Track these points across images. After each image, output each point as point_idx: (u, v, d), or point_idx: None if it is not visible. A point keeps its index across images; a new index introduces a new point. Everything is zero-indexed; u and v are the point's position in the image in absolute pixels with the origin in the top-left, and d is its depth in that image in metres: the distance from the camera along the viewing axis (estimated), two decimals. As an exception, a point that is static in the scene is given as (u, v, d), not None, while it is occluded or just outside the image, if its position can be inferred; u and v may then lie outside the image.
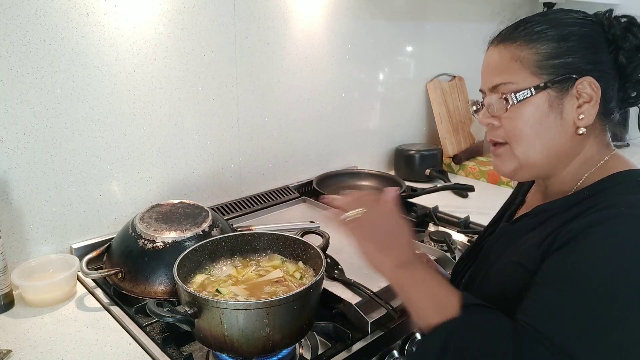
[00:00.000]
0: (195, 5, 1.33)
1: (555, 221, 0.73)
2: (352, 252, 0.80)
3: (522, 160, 0.76)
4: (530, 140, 0.74)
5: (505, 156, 0.78)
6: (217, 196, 1.53)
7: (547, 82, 0.72)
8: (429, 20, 2.09)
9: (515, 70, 0.74)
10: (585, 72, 0.72)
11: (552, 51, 0.73)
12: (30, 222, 1.17)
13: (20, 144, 1.12)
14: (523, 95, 0.73)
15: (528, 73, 0.73)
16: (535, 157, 0.75)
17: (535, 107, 0.73)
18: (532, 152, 0.75)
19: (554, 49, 0.72)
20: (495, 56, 0.78)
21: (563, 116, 0.73)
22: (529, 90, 0.73)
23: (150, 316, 0.83)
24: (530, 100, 0.73)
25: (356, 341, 0.96)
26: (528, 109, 0.73)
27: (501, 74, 0.76)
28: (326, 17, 1.68)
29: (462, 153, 2.12)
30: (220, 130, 1.48)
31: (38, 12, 1.08)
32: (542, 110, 0.73)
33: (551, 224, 0.73)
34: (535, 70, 0.73)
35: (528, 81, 0.73)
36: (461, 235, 1.45)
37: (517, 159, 0.76)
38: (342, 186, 1.80)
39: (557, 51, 0.72)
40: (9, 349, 0.93)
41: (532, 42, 0.74)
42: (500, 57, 0.76)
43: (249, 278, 0.98)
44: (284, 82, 1.61)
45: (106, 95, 1.22)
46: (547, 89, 0.72)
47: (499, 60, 0.77)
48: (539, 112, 0.73)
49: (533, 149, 0.75)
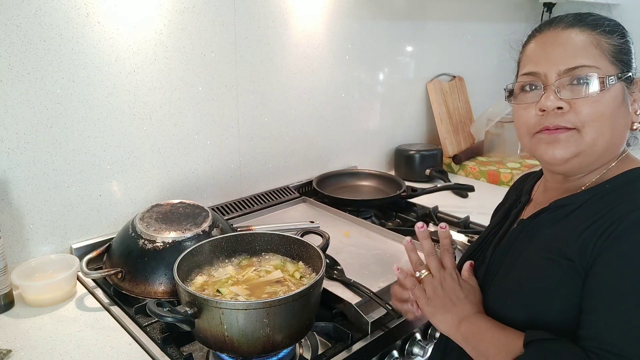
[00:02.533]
0: (195, 5, 1.33)
1: (582, 216, 0.73)
2: (352, 252, 0.81)
3: (587, 146, 0.75)
4: (604, 126, 0.74)
5: (569, 141, 0.75)
6: (217, 196, 1.53)
7: (621, 74, 0.74)
8: (429, 20, 2.09)
9: (596, 56, 0.74)
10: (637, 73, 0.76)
11: (625, 47, 0.75)
12: (30, 222, 1.17)
13: (20, 144, 1.12)
14: (610, 81, 0.73)
15: (608, 62, 0.74)
16: (600, 144, 0.75)
17: (615, 96, 0.74)
18: (601, 139, 0.74)
19: (624, 45, 0.75)
20: (573, 38, 0.75)
21: (629, 109, 0.76)
22: (615, 77, 0.73)
23: (150, 316, 0.83)
24: (613, 88, 0.73)
25: (356, 341, 0.96)
26: (609, 96, 0.73)
27: (583, 57, 0.74)
28: (326, 17, 1.68)
29: (462, 153, 2.12)
30: (220, 130, 1.48)
31: (38, 12, 1.08)
32: (619, 100, 0.74)
33: (579, 218, 0.73)
34: (613, 60, 0.74)
35: (610, 69, 0.74)
36: (461, 235, 1.45)
37: (583, 144, 0.75)
38: (342, 186, 1.80)
39: (626, 47, 0.75)
40: (9, 349, 0.93)
41: (609, 34, 0.74)
42: (580, 40, 0.74)
43: (249, 278, 0.98)
44: (284, 82, 1.61)
45: (106, 95, 1.22)
46: (622, 81, 0.74)
47: (578, 42, 0.74)
48: (617, 101, 0.74)
49: (603, 136, 0.74)
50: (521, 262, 0.78)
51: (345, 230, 1.42)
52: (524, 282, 0.76)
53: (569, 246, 0.71)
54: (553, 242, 0.74)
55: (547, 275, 0.72)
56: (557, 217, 0.77)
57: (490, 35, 2.40)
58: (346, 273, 1.14)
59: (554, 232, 0.76)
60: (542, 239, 0.77)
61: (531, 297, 0.74)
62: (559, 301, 0.71)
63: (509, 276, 0.79)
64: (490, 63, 2.46)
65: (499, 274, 0.82)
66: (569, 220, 0.75)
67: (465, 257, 0.96)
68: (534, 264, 0.76)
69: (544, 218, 0.80)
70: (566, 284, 0.70)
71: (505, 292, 0.78)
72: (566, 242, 0.72)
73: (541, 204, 0.83)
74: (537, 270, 0.74)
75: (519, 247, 0.81)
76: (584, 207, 0.75)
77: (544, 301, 0.72)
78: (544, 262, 0.74)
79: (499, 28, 2.41)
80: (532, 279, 0.75)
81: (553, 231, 0.76)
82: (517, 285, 0.77)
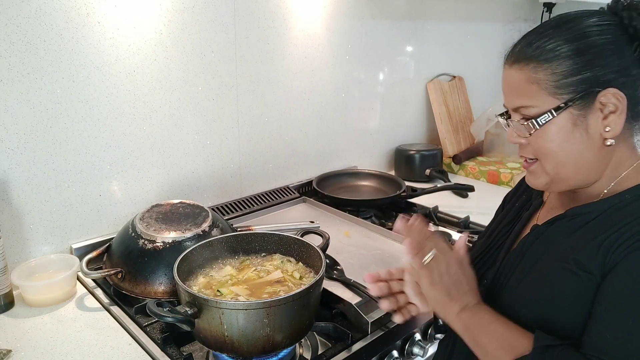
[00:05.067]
0: (195, 5, 1.33)
1: (601, 226, 0.72)
2: (352, 252, 0.80)
3: (552, 175, 0.76)
4: (558, 157, 0.74)
5: (537, 172, 0.78)
6: (217, 196, 1.53)
7: (567, 102, 0.71)
8: (429, 20, 2.08)
9: (533, 93, 0.73)
10: (608, 83, 0.70)
11: (569, 69, 0.70)
12: (30, 222, 1.17)
13: (20, 144, 1.12)
14: (544, 119, 0.72)
15: (546, 95, 0.72)
16: (565, 173, 0.75)
17: (559, 127, 0.72)
18: (561, 168, 0.75)
19: (570, 66, 0.70)
20: (512, 78, 0.76)
21: (589, 131, 0.72)
22: (549, 113, 0.72)
23: (150, 316, 0.83)
24: (553, 122, 0.72)
25: (356, 341, 0.96)
26: (552, 130, 0.73)
27: (520, 97, 0.75)
28: (326, 17, 1.68)
29: (462, 153, 2.12)
30: (220, 130, 1.48)
31: (38, 12, 1.08)
32: (567, 129, 0.72)
33: (598, 229, 0.72)
34: (554, 91, 0.71)
35: (548, 103, 0.72)
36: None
37: (548, 174, 0.77)
38: (342, 186, 1.80)
39: (573, 68, 0.70)
40: (9, 349, 0.93)
41: (547, 62, 0.71)
42: (517, 79, 0.75)
43: (249, 278, 0.98)
44: (284, 82, 1.61)
45: (106, 95, 1.22)
46: (569, 108, 0.71)
47: (516, 82, 0.75)
48: (563, 132, 0.72)
49: (562, 165, 0.75)
50: (536, 271, 0.77)
51: (345, 230, 1.42)
52: (539, 291, 0.75)
53: (588, 258, 0.70)
54: (570, 253, 0.73)
55: (564, 287, 0.72)
56: (574, 226, 0.76)
57: (490, 35, 2.40)
58: (346, 273, 1.14)
59: (571, 242, 0.75)
60: (560, 248, 0.76)
61: (545, 306, 0.73)
62: (574, 311, 0.70)
63: (523, 283, 0.78)
64: (490, 63, 2.46)
65: (511, 280, 0.80)
66: (586, 230, 0.74)
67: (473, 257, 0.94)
68: (551, 273, 0.74)
69: (560, 226, 0.78)
70: (583, 296, 0.69)
71: (518, 300, 0.77)
72: (585, 254, 0.71)
73: (555, 208, 0.83)
74: (554, 280, 0.73)
75: (534, 254, 0.80)
76: (603, 218, 0.73)
77: (557, 311, 0.71)
78: (560, 272, 0.73)
79: (499, 28, 2.41)
80: (547, 289, 0.74)
81: (570, 241, 0.75)
82: (531, 294, 0.76)
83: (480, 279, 0.88)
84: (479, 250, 0.94)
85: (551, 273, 0.74)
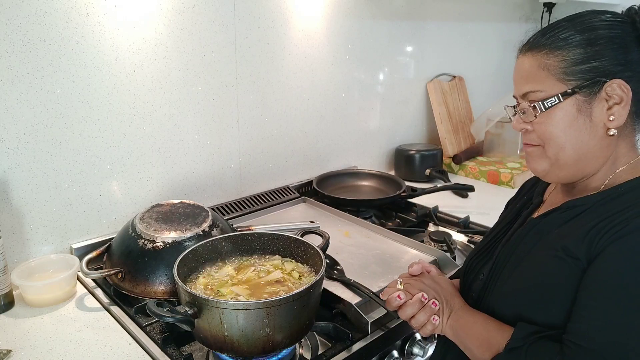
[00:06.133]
0: (195, 5, 1.33)
1: (592, 215, 0.75)
2: (352, 252, 0.81)
3: (553, 160, 0.79)
4: (560, 142, 0.77)
5: (537, 156, 0.81)
6: (217, 196, 1.53)
7: (574, 88, 0.74)
8: (429, 20, 2.09)
9: (542, 78, 0.76)
10: (614, 74, 0.73)
11: (578, 57, 0.74)
12: (30, 222, 1.17)
13: (20, 144, 1.12)
14: (551, 102, 0.76)
15: (555, 80, 0.75)
16: (565, 158, 0.78)
17: (564, 112, 0.75)
18: (562, 154, 0.77)
19: (580, 55, 0.74)
20: (524, 65, 0.79)
21: (592, 119, 0.75)
22: (556, 97, 0.75)
23: (150, 316, 0.83)
24: (559, 106, 0.76)
25: (356, 341, 0.96)
26: (557, 114, 0.76)
27: (530, 82, 0.78)
28: (326, 17, 1.68)
29: (462, 153, 2.12)
30: (220, 130, 1.48)
31: (38, 12, 1.08)
32: (571, 115, 0.75)
33: (588, 217, 0.75)
34: (562, 77, 0.75)
35: (555, 88, 0.75)
36: (461, 235, 1.45)
37: (549, 159, 0.79)
38: (342, 186, 1.80)
39: (583, 56, 0.74)
40: (9, 349, 0.93)
41: (558, 50, 0.75)
42: (529, 66, 0.78)
43: (249, 278, 0.98)
44: (284, 82, 1.61)
45: (106, 95, 1.22)
46: (575, 94, 0.74)
47: (527, 68, 0.79)
48: (568, 117, 0.75)
49: (563, 150, 0.77)
50: (528, 260, 0.79)
51: (345, 230, 1.42)
52: (530, 280, 0.77)
53: (575, 244, 0.72)
54: (560, 240, 0.75)
55: (553, 273, 0.74)
56: (567, 217, 0.79)
57: (490, 35, 2.40)
58: (346, 273, 1.14)
59: (562, 230, 0.77)
60: (550, 237, 0.78)
61: (536, 294, 0.75)
62: (563, 298, 0.72)
63: (515, 273, 0.80)
64: (490, 63, 2.47)
65: (504, 271, 0.83)
66: (578, 219, 0.77)
67: (473, 254, 0.96)
68: (541, 261, 0.77)
69: (554, 217, 0.81)
70: (571, 282, 0.71)
71: (510, 290, 0.80)
72: (573, 240, 0.73)
73: (554, 205, 0.84)
74: (544, 268, 0.76)
75: (527, 245, 0.82)
76: (594, 207, 0.76)
77: (548, 298, 0.73)
78: (549, 259, 0.75)
79: (499, 28, 2.41)
80: (537, 277, 0.76)
81: (561, 230, 0.77)
82: (523, 283, 0.78)
83: (478, 274, 0.91)
84: (478, 249, 0.96)
85: (540, 261, 0.77)
